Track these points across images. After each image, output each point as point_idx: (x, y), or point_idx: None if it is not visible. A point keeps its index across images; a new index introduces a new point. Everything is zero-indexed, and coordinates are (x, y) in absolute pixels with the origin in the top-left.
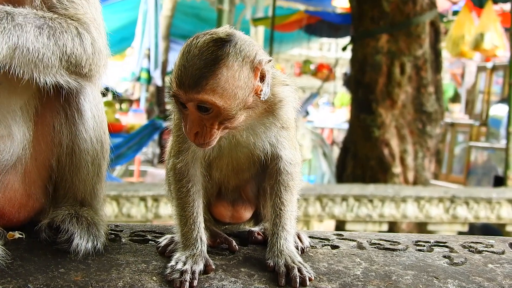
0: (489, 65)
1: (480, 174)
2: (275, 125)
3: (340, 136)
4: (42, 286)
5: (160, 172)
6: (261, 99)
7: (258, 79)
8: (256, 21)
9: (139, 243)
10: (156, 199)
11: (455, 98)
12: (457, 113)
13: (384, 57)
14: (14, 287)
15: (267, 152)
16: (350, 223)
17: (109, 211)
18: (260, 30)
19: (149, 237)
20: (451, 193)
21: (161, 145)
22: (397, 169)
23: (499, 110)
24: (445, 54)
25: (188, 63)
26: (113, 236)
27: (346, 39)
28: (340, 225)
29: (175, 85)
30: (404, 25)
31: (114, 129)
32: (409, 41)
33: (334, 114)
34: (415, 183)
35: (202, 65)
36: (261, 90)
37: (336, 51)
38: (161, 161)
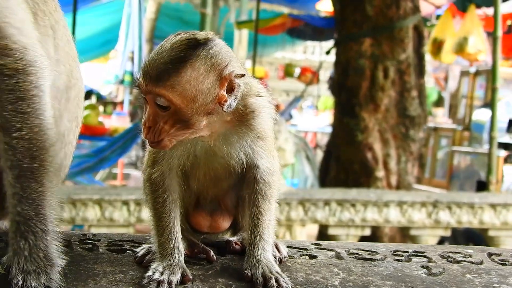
0: (472, 69)
1: (463, 179)
2: (249, 135)
3: (323, 140)
4: None
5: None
6: (223, 109)
7: (225, 89)
8: (240, 24)
9: (117, 252)
10: (138, 203)
11: (439, 102)
12: (440, 117)
13: (368, 61)
14: None
15: (243, 162)
16: (332, 228)
17: (91, 215)
18: (244, 33)
19: (127, 246)
20: (433, 198)
21: (145, 148)
22: (380, 173)
23: (482, 115)
24: (428, 58)
25: (157, 56)
26: (90, 245)
27: (330, 43)
28: (323, 230)
29: (140, 75)
30: (387, 29)
31: (98, 132)
32: (392, 45)
33: (318, 117)
34: (398, 187)
35: (168, 60)
36: (225, 101)
37: (320, 54)
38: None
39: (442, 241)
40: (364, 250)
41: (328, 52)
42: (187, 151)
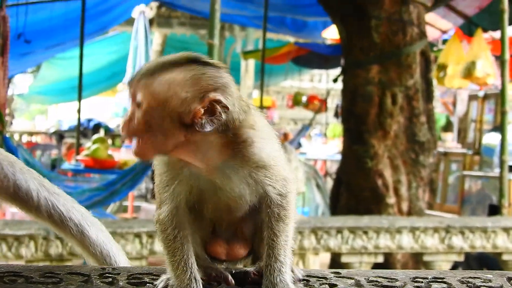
0: (481, 93)
1: (475, 203)
2: (247, 166)
3: (333, 167)
4: None
5: (154, 208)
6: (196, 127)
7: (204, 108)
8: (246, 54)
9: (137, 285)
10: (150, 235)
11: (447, 127)
12: (449, 142)
13: (375, 88)
14: None
15: (248, 192)
16: (345, 255)
17: None
18: (251, 63)
19: (147, 279)
20: (446, 223)
21: (154, 181)
22: (391, 199)
23: (492, 139)
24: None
25: (150, 63)
26: (110, 279)
27: (337, 70)
28: (336, 258)
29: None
30: (394, 55)
31: (107, 166)
32: (400, 71)
33: (327, 145)
34: (409, 213)
35: (161, 63)
36: (200, 118)
37: (327, 82)
38: (154, 196)
39: (455, 266)
40: (383, 278)
41: (335, 80)
42: (190, 186)
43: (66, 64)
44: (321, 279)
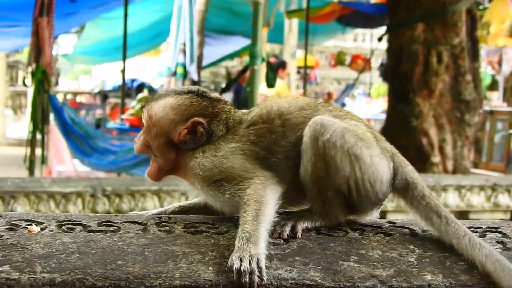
0: None
1: None
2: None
3: (377, 127)
4: (101, 278)
5: None
6: (179, 144)
7: (188, 128)
8: (290, 13)
9: (193, 234)
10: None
11: (493, 86)
12: (495, 100)
13: (421, 47)
14: (74, 279)
15: None
16: (391, 213)
17: (150, 205)
18: (294, 22)
19: (203, 228)
20: (492, 181)
21: None
22: (436, 158)
23: None
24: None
25: (162, 90)
26: (167, 228)
27: (381, 30)
28: (382, 216)
29: None
30: (440, 13)
31: None
32: (445, 30)
33: (371, 104)
34: (454, 172)
35: (162, 93)
36: (184, 136)
37: (370, 41)
38: None
39: None
40: None
41: (380, 39)
42: None
43: (110, 24)
44: (376, 229)
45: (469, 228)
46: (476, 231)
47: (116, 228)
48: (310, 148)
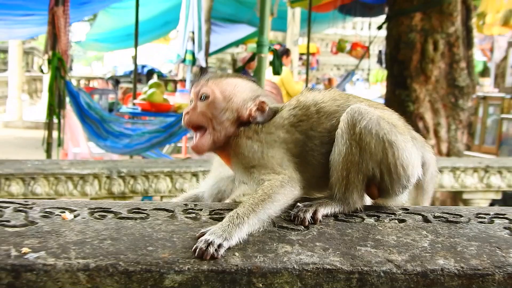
0: None
1: None
2: None
3: None
4: (133, 263)
5: None
6: (250, 120)
7: (256, 106)
8: (294, 2)
9: (219, 220)
10: (207, 174)
11: (484, 72)
12: (487, 86)
13: (418, 35)
14: (107, 265)
15: None
16: None
17: (163, 186)
18: (297, 11)
19: (227, 214)
20: (485, 163)
21: None
22: (431, 141)
23: None
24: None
25: (214, 73)
26: (193, 214)
27: (379, 18)
28: None
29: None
30: (437, 3)
31: (163, 109)
32: (441, 18)
33: (370, 90)
34: (448, 154)
35: (223, 74)
36: (254, 112)
37: (369, 29)
38: None
39: (492, 204)
40: (448, 213)
41: (380, 27)
42: None
43: (121, 13)
44: (390, 215)
45: (477, 214)
46: (484, 217)
47: (145, 215)
48: (346, 133)
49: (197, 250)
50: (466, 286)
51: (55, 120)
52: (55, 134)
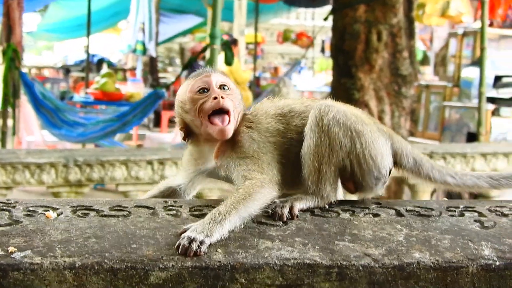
0: (460, 31)
1: (454, 131)
2: None
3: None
4: (117, 261)
5: (157, 136)
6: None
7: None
8: None
9: (199, 217)
10: (161, 162)
11: (424, 61)
12: (428, 75)
13: (362, 26)
14: (92, 263)
15: None
16: None
17: (119, 174)
18: (244, 2)
19: (206, 211)
20: (429, 149)
21: (156, 111)
22: None
23: (469, 73)
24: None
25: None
26: (174, 211)
27: (323, 9)
28: None
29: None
30: None
31: (115, 98)
32: (385, 10)
33: (314, 78)
34: None
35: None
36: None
37: (312, 19)
38: (156, 125)
39: (435, 190)
40: (420, 207)
41: (326, 19)
42: None
43: (72, 4)
44: (364, 209)
45: (447, 208)
46: (455, 211)
47: (127, 212)
48: (315, 126)
49: (180, 247)
50: (441, 278)
51: (10, 110)
52: (9, 122)
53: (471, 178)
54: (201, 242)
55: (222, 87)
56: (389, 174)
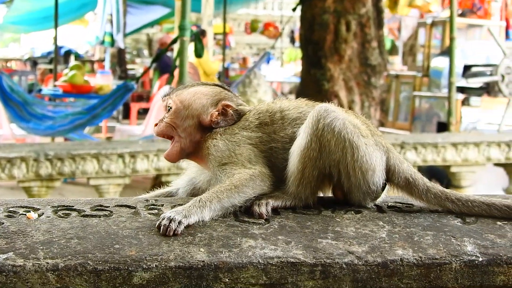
0: (429, 21)
1: (424, 121)
2: None
3: (286, 89)
4: (101, 262)
5: (126, 128)
6: (212, 125)
7: (219, 111)
8: None
9: None
10: (133, 155)
11: (392, 51)
12: (397, 64)
13: (331, 16)
14: (76, 264)
15: None
16: None
17: (90, 168)
18: None
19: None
20: (401, 140)
21: (125, 103)
22: None
23: (439, 62)
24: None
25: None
26: (156, 210)
27: None
28: None
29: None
30: None
31: (84, 90)
32: (353, 0)
33: (283, 68)
34: None
35: (189, 84)
36: (216, 118)
37: (279, 9)
38: (124, 117)
39: None
40: (401, 203)
41: (294, 9)
42: None
43: None
44: (345, 206)
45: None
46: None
47: (109, 212)
48: (309, 128)
49: (161, 227)
50: (424, 275)
51: None
52: None
53: (481, 205)
54: (179, 222)
55: (167, 109)
56: (383, 189)
